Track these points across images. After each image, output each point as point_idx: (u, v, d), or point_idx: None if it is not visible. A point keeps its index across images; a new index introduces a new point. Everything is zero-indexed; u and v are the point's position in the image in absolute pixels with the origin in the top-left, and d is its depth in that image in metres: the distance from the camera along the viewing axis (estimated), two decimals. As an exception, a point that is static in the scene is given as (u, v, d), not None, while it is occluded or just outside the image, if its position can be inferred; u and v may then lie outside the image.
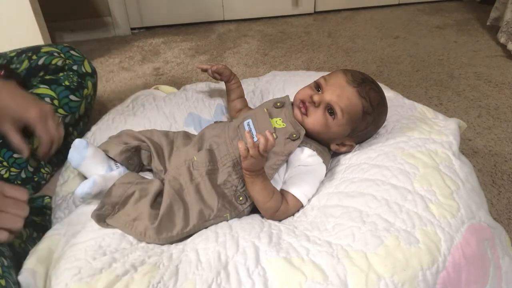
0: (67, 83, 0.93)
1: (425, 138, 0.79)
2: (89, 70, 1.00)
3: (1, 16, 1.41)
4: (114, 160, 0.80)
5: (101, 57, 1.84)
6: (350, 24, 2.12)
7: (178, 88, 1.15)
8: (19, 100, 0.79)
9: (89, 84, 0.99)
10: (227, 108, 0.99)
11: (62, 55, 0.97)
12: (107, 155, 0.80)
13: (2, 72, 0.82)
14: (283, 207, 0.72)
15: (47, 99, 0.89)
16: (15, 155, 0.86)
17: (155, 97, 1.03)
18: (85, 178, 0.79)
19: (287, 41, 1.95)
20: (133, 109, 0.98)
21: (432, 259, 0.58)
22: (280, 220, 0.72)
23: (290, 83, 1.04)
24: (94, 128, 0.94)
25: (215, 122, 0.91)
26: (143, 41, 1.99)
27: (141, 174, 0.83)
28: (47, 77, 0.93)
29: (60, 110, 0.92)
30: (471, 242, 0.62)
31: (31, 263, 0.63)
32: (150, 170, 0.85)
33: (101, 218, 0.70)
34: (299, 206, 0.74)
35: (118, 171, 0.78)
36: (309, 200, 0.74)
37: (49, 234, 0.70)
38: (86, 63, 1.00)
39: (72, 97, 0.94)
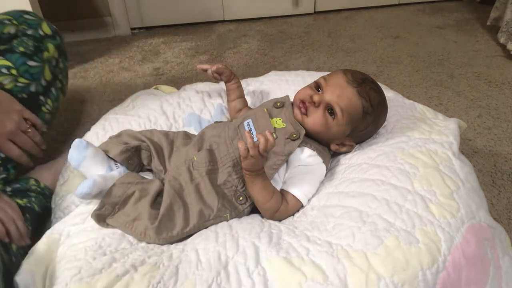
0: (21, 49, 0.88)
1: (425, 138, 0.79)
2: (48, 32, 0.94)
3: (1, 16, 1.40)
4: (114, 160, 0.80)
5: (101, 57, 1.84)
6: (350, 24, 2.12)
7: (178, 88, 1.15)
8: None
9: (50, 46, 0.94)
10: (227, 108, 0.99)
11: (14, 21, 0.91)
12: (107, 155, 0.80)
13: None
14: (283, 207, 0.72)
15: (4, 70, 0.86)
16: None
17: (155, 97, 1.03)
18: (85, 178, 0.79)
19: (287, 41, 1.95)
20: (133, 109, 0.98)
21: (432, 259, 0.58)
22: (280, 220, 0.72)
23: (290, 83, 1.04)
24: (94, 128, 0.94)
25: (215, 122, 0.91)
26: (143, 41, 1.99)
27: (141, 174, 0.83)
28: (1, 47, 0.88)
29: (21, 79, 0.87)
30: (471, 242, 0.62)
31: (29, 263, 0.63)
32: (150, 170, 0.85)
33: (101, 218, 0.70)
34: (299, 206, 0.74)
35: (118, 171, 0.78)
36: (309, 200, 0.74)
37: (48, 233, 0.70)
38: (44, 25, 0.95)
39: (30, 62, 0.89)
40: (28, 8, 1.41)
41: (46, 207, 0.86)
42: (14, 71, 0.87)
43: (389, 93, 0.94)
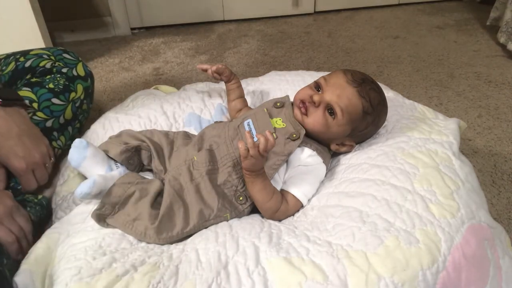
0: (51, 85, 0.89)
1: (425, 138, 0.79)
2: (82, 73, 0.96)
3: (1, 16, 1.41)
4: (114, 160, 0.80)
5: (101, 57, 1.84)
6: (350, 24, 2.12)
7: (178, 88, 1.15)
8: (10, 144, 0.76)
9: (79, 87, 0.95)
10: (227, 108, 0.99)
11: (52, 57, 0.93)
12: (107, 155, 0.80)
13: (0, 101, 0.78)
14: (283, 207, 0.72)
15: (27, 102, 0.86)
16: None
17: (155, 97, 1.03)
18: (85, 178, 0.79)
19: (287, 41, 1.95)
20: (133, 109, 0.98)
21: (432, 259, 0.58)
22: (280, 220, 0.72)
23: (290, 83, 1.04)
24: (94, 128, 0.94)
25: (215, 122, 0.91)
26: (143, 41, 1.99)
27: (141, 174, 0.83)
28: (33, 79, 0.89)
29: (39, 114, 0.88)
30: (471, 242, 0.62)
31: (29, 263, 0.63)
32: (150, 170, 0.85)
33: (101, 218, 0.70)
34: (299, 206, 0.74)
35: (118, 171, 0.78)
36: (309, 200, 0.74)
37: (48, 233, 0.70)
38: (80, 66, 0.97)
39: (54, 100, 0.90)
40: (28, 7, 1.41)
41: (41, 216, 0.85)
42: (35, 105, 0.88)
43: (389, 93, 0.94)
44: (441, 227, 0.62)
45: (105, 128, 0.92)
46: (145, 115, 0.96)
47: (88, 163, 0.76)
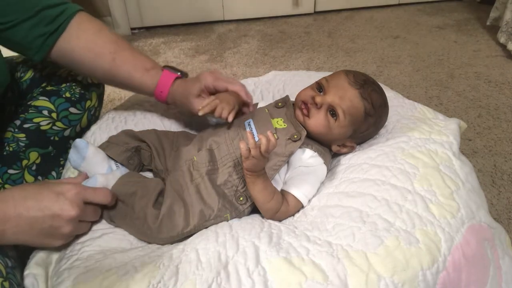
0: (68, 94, 0.89)
1: (425, 138, 0.79)
2: (95, 79, 0.96)
3: (1, 16, 1.40)
4: (115, 160, 0.80)
5: (101, 57, 1.84)
6: (350, 24, 2.12)
7: (178, 88, 1.15)
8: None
9: (93, 95, 0.95)
10: (227, 108, 0.99)
11: None
12: (107, 155, 0.80)
13: (179, 74, 0.83)
14: (283, 208, 0.72)
15: (45, 112, 0.87)
16: (10, 171, 0.83)
17: (155, 97, 1.03)
18: (85, 178, 0.78)
19: (287, 41, 1.95)
20: (133, 109, 0.98)
21: (432, 259, 0.58)
22: (280, 221, 0.72)
23: (290, 83, 1.04)
24: (94, 128, 0.94)
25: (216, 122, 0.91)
26: (143, 41, 1.99)
27: (142, 174, 0.83)
28: (49, 88, 0.89)
29: (59, 124, 0.88)
30: (471, 242, 0.62)
31: (30, 268, 0.63)
32: (150, 170, 0.85)
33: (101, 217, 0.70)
34: (300, 206, 0.74)
35: (118, 171, 0.78)
36: (309, 201, 0.74)
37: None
38: None
39: (72, 109, 0.90)
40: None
41: None
42: (54, 115, 0.88)
43: (389, 93, 0.94)
44: (441, 227, 0.62)
45: (105, 129, 0.92)
46: (145, 115, 0.96)
47: (89, 163, 0.76)
